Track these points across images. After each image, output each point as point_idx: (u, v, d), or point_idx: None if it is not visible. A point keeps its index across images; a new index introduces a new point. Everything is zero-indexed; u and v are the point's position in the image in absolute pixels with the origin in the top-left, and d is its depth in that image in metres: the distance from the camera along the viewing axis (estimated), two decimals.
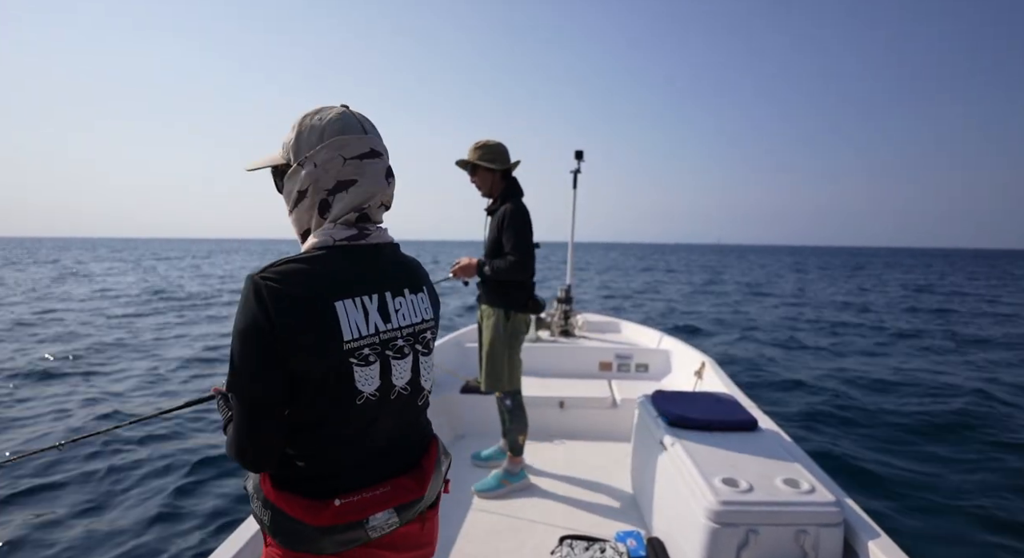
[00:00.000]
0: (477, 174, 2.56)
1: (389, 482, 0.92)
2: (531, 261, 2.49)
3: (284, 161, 0.94)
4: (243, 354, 0.82)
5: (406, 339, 0.94)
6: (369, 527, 0.88)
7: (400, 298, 0.95)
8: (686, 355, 3.88)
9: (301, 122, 0.92)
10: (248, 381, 0.82)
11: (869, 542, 1.58)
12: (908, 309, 15.76)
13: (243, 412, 0.84)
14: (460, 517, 2.36)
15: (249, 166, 0.99)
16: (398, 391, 0.94)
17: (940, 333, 11.30)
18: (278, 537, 0.88)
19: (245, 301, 0.82)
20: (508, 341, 2.57)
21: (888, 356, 8.78)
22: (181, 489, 3.64)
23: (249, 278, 0.83)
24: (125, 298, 15.71)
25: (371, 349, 0.88)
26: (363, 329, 0.87)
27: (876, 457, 4.39)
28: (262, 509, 0.89)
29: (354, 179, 0.90)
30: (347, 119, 0.92)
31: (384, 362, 0.90)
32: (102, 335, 9.53)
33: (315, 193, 0.91)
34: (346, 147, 0.89)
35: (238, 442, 0.85)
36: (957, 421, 5.28)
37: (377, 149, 0.93)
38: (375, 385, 0.89)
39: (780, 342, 9.93)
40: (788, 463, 1.86)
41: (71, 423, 4.78)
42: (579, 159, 4.85)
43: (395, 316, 0.93)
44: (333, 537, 0.86)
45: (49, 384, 6.23)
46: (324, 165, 0.89)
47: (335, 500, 0.87)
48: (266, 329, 0.80)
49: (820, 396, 6.13)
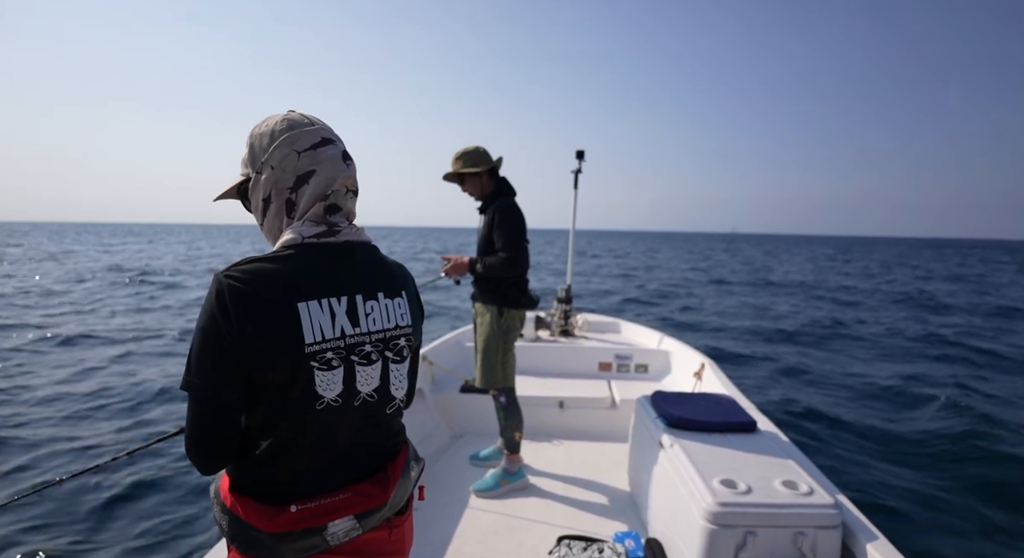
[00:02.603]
0: (466, 182, 2.58)
1: (350, 488, 0.90)
2: (524, 257, 2.50)
3: (244, 177, 0.94)
4: (201, 353, 0.81)
5: (375, 345, 0.91)
6: (328, 534, 0.85)
7: (372, 302, 0.92)
8: (686, 356, 3.87)
9: (251, 135, 0.93)
10: (204, 380, 0.81)
11: (867, 544, 1.58)
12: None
13: (196, 411, 0.82)
14: (458, 517, 2.36)
15: (216, 197, 0.99)
16: (363, 398, 0.91)
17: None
18: (236, 543, 0.86)
19: (208, 300, 0.81)
20: (502, 338, 2.57)
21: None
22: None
23: (214, 278, 0.82)
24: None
25: (335, 353, 0.86)
26: (327, 332, 0.85)
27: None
28: (221, 514, 0.88)
29: (312, 170, 0.89)
30: (292, 118, 0.92)
31: (349, 367, 0.88)
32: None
33: (279, 195, 0.90)
34: (297, 141, 0.89)
35: (189, 441, 0.83)
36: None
37: (328, 137, 0.92)
38: (337, 391, 0.87)
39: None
40: (787, 465, 1.86)
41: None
42: (580, 159, 4.84)
43: (364, 320, 0.90)
44: (289, 544, 0.84)
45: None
46: (280, 164, 0.89)
47: (291, 506, 0.85)
48: (224, 330, 0.79)
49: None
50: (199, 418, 0.82)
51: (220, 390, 0.81)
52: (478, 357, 2.61)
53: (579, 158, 4.85)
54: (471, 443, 3.21)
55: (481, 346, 2.59)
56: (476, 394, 3.40)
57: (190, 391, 0.82)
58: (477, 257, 2.55)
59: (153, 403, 5.42)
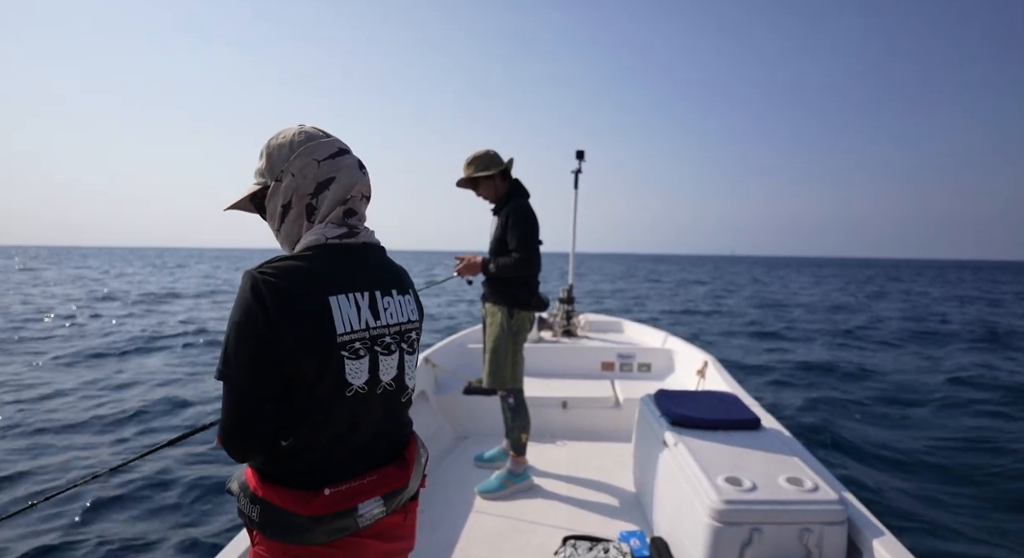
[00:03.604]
0: (480, 186, 2.59)
1: (375, 471, 0.96)
2: (536, 258, 2.51)
3: (261, 185, 0.99)
4: (237, 346, 0.84)
5: (393, 337, 0.98)
6: (359, 515, 0.91)
7: (388, 298, 0.99)
8: (689, 354, 3.87)
9: (268, 146, 0.98)
10: (241, 371, 0.84)
11: (873, 540, 1.58)
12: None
13: (233, 402, 0.86)
14: (463, 518, 2.36)
15: (227, 206, 1.03)
16: (384, 386, 0.97)
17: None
18: (267, 530, 0.89)
19: (242, 295, 0.85)
20: (512, 339, 2.58)
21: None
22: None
23: (247, 274, 0.86)
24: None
25: (361, 343, 0.92)
26: (355, 324, 0.91)
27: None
28: (250, 506, 0.91)
29: (332, 177, 0.96)
30: (308, 131, 0.98)
31: (373, 357, 0.94)
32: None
33: (299, 200, 0.96)
34: (316, 151, 0.95)
35: (225, 431, 0.87)
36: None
37: (344, 147, 0.99)
38: (364, 378, 0.93)
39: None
40: (791, 461, 1.86)
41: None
42: (580, 159, 4.85)
43: (384, 314, 0.97)
44: (324, 526, 0.88)
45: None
46: (301, 171, 0.94)
47: (324, 489, 0.89)
48: (261, 322, 0.83)
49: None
50: (236, 409, 0.86)
51: (256, 382, 0.85)
52: (487, 357, 2.62)
53: (579, 158, 4.86)
54: (475, 444, 3.21)
55: (491, 346, 2.60)
56: (480, 395, 3.40)
57: (226, 382, 0.86)
58: (490, 257, 2.56)
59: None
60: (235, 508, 0.96)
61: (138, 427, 5.03)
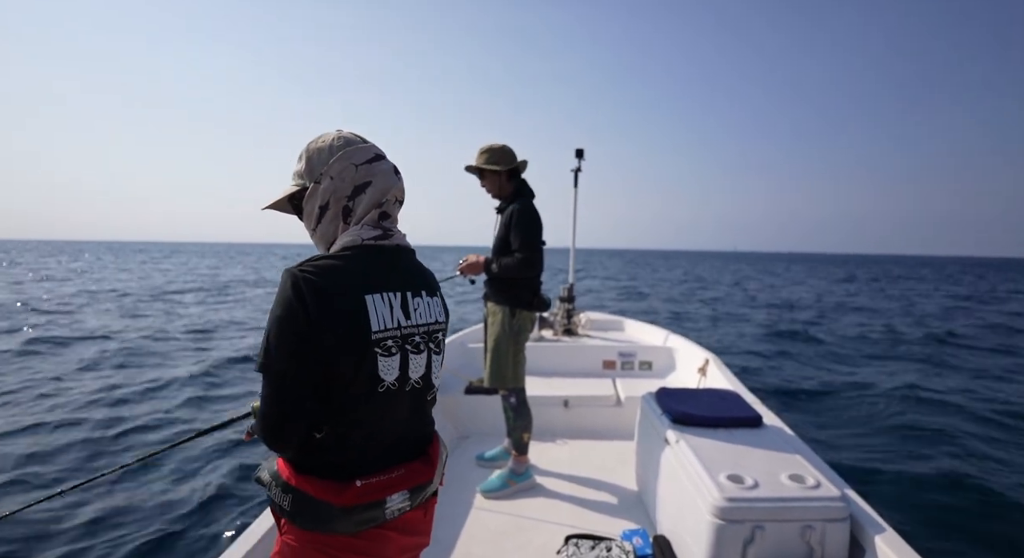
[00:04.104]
0: (485, 178, 2.60)
1: (402, 466, 1.00)
2: (539, 258, 2.52)
3: (299, 187, 1.03)
4: (279, 340, 0.88)
5: (423, 336, 1.02)
6: (386, 507, 0.95)
7: (418, 299, 1.03)
8: (690, 352, 3.87)
9: (307, 149, 1.02)
10: (282, 364, 0.89)
11: (876, 537, 1.58)
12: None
13: (273, 393, 0.90)
14: (465, 517, 2.36)
15: (265, 205, 1.09)
16: (412, 384, 1.01)
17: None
18: (298, 519, 0.93)
19: (283, 292, 0.89)
20: (513, 338, 2.58)
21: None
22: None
23: (288, 272, 0.91)
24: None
25: (393, 341, 0.96)
26: (388, 322, 0.95)
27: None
28: (281, 495, 0.94)
29: (368, 181, 1.00)
30: (346, 136, 1.03)
31: (403, 355, 0.98)
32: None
33: (336, 202, 1.00)
34: (354, 155, 1.00)
35: (265, 422, 0.91)
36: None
37: (380, 153, 1.04)
38: (395, 375, 0.97)
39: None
40: (793, 459, 1.86)
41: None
42: (579, 158, 4.85)
43: (414, 314, 1.01)
44: (354, 516, 0.92)
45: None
46: (340, 175, 0.99)
47: (356, 481, 0.93)
48: (301, 317, 0.87)
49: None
50: (276, 403, 0.89)
51: (296, 377, 0.89)
52: (488, 356, 2.62)
53: (578, 157, 4.85)
54: (476, 444, 3.21)
55: (492, 345, 2.60)
56: (481, 395, 3.40)
57: (266, 376, 0.90)
58: (493, 257, 2.56)
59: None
60: (252, 501, 0.98)
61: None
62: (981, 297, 23.84)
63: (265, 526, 1.61)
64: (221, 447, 4.29)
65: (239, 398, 5.90)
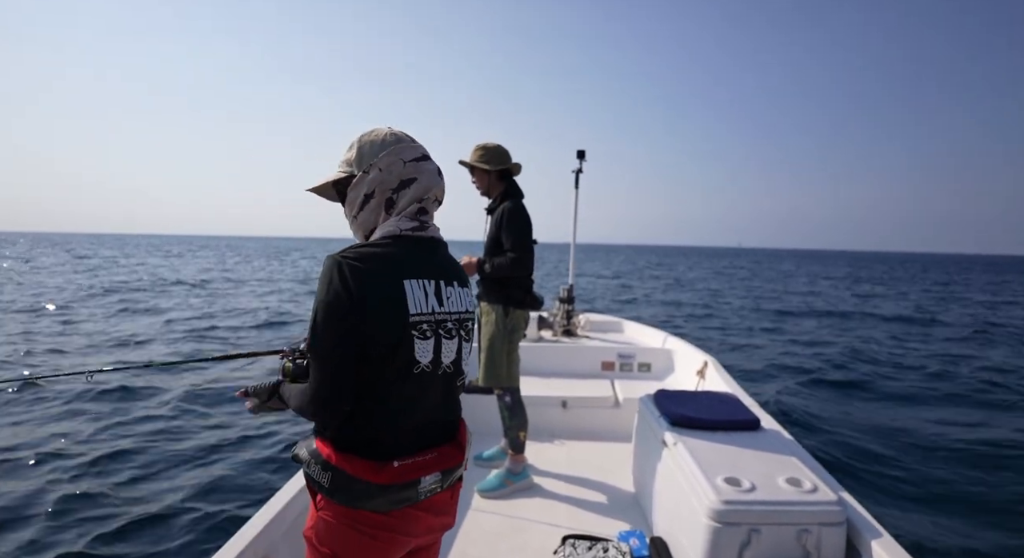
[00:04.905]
0: (475, 174, 2.65)
1: (435, 449, 1.06)
2: (530, 258, 2.54)
3: (346, 174, 1.09)
4: (325, 322, 0.95)
5: (455, 323, 1.08)
6: (420, 488, 1.00)
7: (451, 288, 1.09)
8: (689, 355, 3.87)
9: (359, 140, 1.09)
10: (329, 345, 0.95)
11: (872, 541, 1.58)
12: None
13: (323, 371, 0.96)
14: (462, 517, 2.36)
15: (310, 187, 1.15)
16: (444, 368, 1.06)
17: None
18: (336, 495, 0.98)
19: (328, 276, 0.95)
20: (507, 337, 2.59)
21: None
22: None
23: (331, 258, 0.97)
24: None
25: (428, 326, 1.02)
26: (423, 306, 1.01)
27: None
28: (320, 472, 0.98)
29: (414, 177, 1.07)
30: (398, 133, 1.10)
31: (437, 339, 1.04)
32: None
33: (381, 193, 1.06)
34: (404, 152, 1.07)
35: (316, 397, 0.97)
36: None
37: (427, 154, 1.11)
38: (429, 358, 1.02)
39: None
40: (790, 462, 1.86)
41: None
42: (581, 159, 4.85)
43: (447, 302, 1.07)
44: (390, 495, 0.97)
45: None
46: (388, 168, 1.05)
47: (393, 461, 0.98)
48: (345, 300, 0.93)
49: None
50: (329, 377, 0.96)
51: (342, 357, 0.95)
52: (482, 356, 2.63)
53: (580, 158, 4.85)
54: (474, 443, 3.21)
55: (485, 345, 2.61)
56: (478, 394, 3.40)
57: (316, 354, 0.96)
58: (486, 257, 2.58)
59: None
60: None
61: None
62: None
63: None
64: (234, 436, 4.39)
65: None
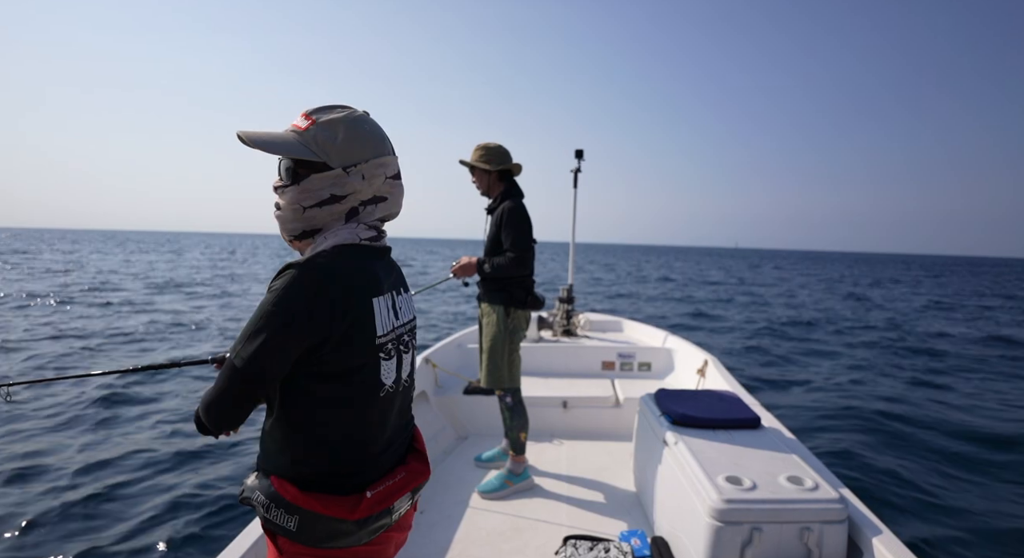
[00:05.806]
0: (475, 174, 2.65)
1: (403, 468, 1.00)
2: (530, 257, 2.54)
3: (315, 159, 0.90)
4: (268, 333, 0.82)
5: (408, 333, 1.03)
6: (394, 512, 0.95)
7: (401, 297, 1.03)
8: (689, 353, 3.87)
9: (334, 125, 0.91)
10: (260, 357, 0.83)
11: (873, 539, 1.58)
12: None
13: (233, 386, 0.85)
14: (462, 518, 2.36)
15: (252, 137, 0.87)
16: (402, 383, 1.01)
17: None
18: (309, 539, 0.88)
19: (287, 289, 0.83)
20: (508, 338, 2.58)
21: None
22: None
23: (295, 268, 0.84)
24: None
25: (391, 344, 0.96)
26: (387, 325, 0.94)
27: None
28: (284, 516, 0.87)
29: (387, 196, 0.99)
30: (383, 136, 0.98)
31: (398, 356, 0.98)
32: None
33: (352, 201, 0.94)
34: (387, 167, 0.97)
35: (219, 405, 0.86)
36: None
37: (399, 169, 1.02)
38: (392, 378, 0.97)
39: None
40: (792, 460, 1.86)
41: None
42: (579, 158, 4.86)
43: (400, 313, 1.00)
44: (368, 527, 0.91)
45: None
46: (370, 180, 0.95)
47: (366, 492, 0.91)
48: (301, 319, 0.82)
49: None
50: (234, 392, 0.85)
51: (266, 371, 0.84)
52: (484, 357, 2.62)
53: (578, 157, 4.86)
54: (475, 445, 3.21)
55: (487, 346, 2.60)
56: (480, 396, 3.40)
57: (240, 361, 0.84)
58: (485, 258, 2.58)
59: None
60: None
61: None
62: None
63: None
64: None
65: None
